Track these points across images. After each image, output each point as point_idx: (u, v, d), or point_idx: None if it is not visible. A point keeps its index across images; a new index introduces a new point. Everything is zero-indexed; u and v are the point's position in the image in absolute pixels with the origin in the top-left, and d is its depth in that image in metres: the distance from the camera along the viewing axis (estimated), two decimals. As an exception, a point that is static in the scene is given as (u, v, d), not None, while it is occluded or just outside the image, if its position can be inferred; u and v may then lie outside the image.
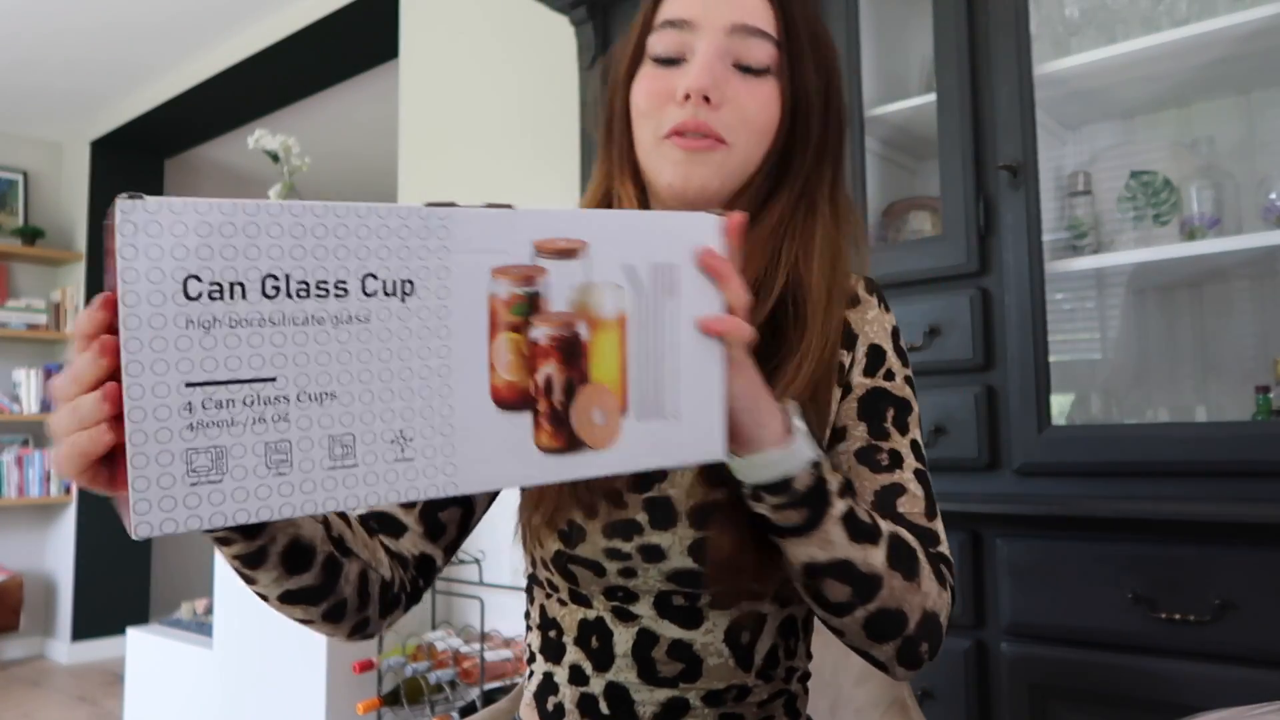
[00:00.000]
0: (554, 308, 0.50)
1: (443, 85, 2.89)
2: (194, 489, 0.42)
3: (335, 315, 0.45)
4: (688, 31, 0.71)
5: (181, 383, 0.42)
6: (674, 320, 0.54)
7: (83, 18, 3.46)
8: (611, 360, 0.52)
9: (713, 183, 0.71)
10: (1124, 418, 1.67)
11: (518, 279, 0.49)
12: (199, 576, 4.67)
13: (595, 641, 0.73)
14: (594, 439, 0.52)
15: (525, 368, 0.50)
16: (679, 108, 0.70)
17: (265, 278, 0.43)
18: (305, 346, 0.44)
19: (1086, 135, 1.76)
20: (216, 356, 0.42)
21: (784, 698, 0.77)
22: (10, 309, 4.47)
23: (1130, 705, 1.28)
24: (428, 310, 0.47)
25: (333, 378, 0.45)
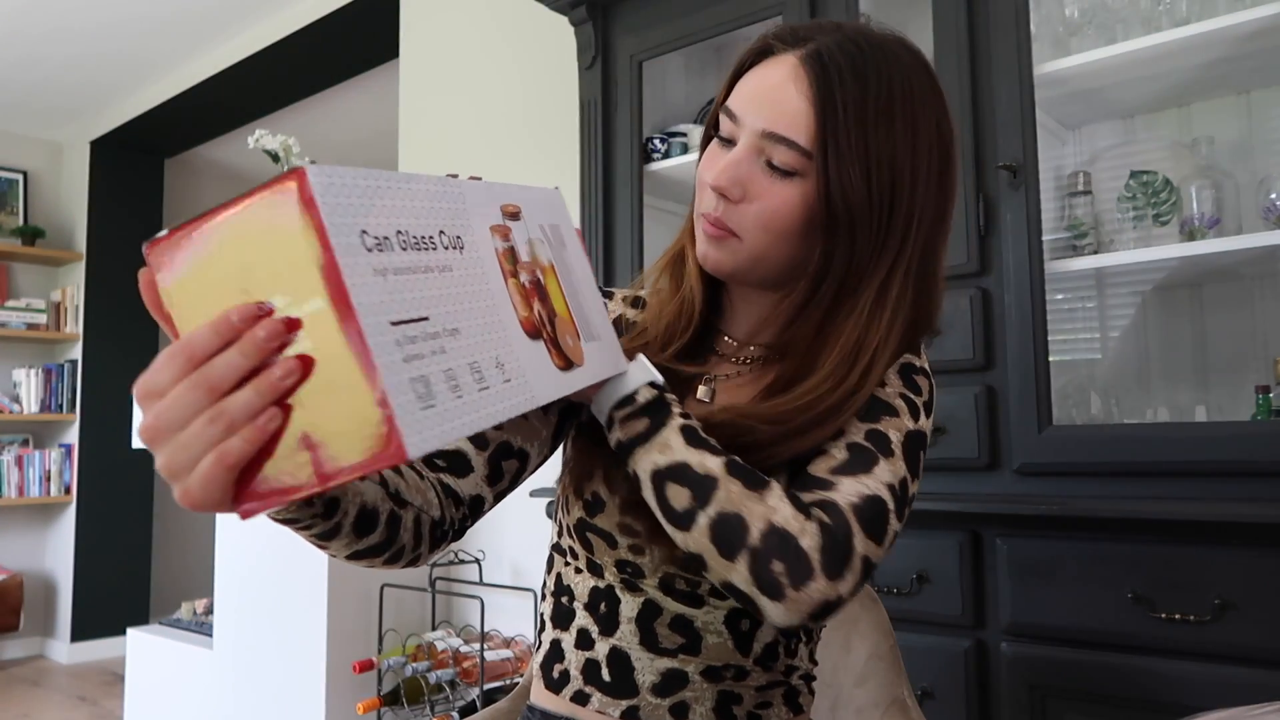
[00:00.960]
0: (522, 258, 0.62)
1: (443, 85, 2.89)
2: (424, 413, 0.47)
3: (439, 264, 0.53)
4: (735, 123, 0.76)
5: (388, 321, 0.46)
6: (572, 266, 0.68)
7: (83, 17, 3.46)
8: (559, 298, 0.65)
9: (726, 266, 0.77)
10: (1124, 418, 1.67)
11: (501, 235, 0.60)
12: (199, 576, 4.67)
13: (603, 607, 0.78)
14: (577, 358, 0.64)
15: (528, 305, 0.61)
16: (709, 194, 0.76)
17: (397, 233, 0.50)
18: (430, 289, 0.51)
19: (1086, 135, 1.77)
20: (398, 299, 0.48)
21: (784, 689, 0.79)
22: (10, 309, 4.47)
23: (1130, 705, 1.28)
24: (476, 260, 0.56)
25: (453, 315, 0.52)
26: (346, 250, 0.45)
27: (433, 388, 0.48)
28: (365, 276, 0.46)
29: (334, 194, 0.46)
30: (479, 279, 0.56)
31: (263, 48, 3.49)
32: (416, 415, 0.46)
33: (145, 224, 4.72)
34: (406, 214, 0.51)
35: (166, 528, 4.77)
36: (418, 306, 0.49)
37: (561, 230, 0.68)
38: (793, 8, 1.75)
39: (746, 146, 0.74)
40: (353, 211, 0.47)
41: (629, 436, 0.68)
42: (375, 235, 0.48)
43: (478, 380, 0.52)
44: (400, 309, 0.47)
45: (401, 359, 0.46)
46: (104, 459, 4.48)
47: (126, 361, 4.58)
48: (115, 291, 4.58)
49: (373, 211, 0.48)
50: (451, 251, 0.54)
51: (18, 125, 4.60)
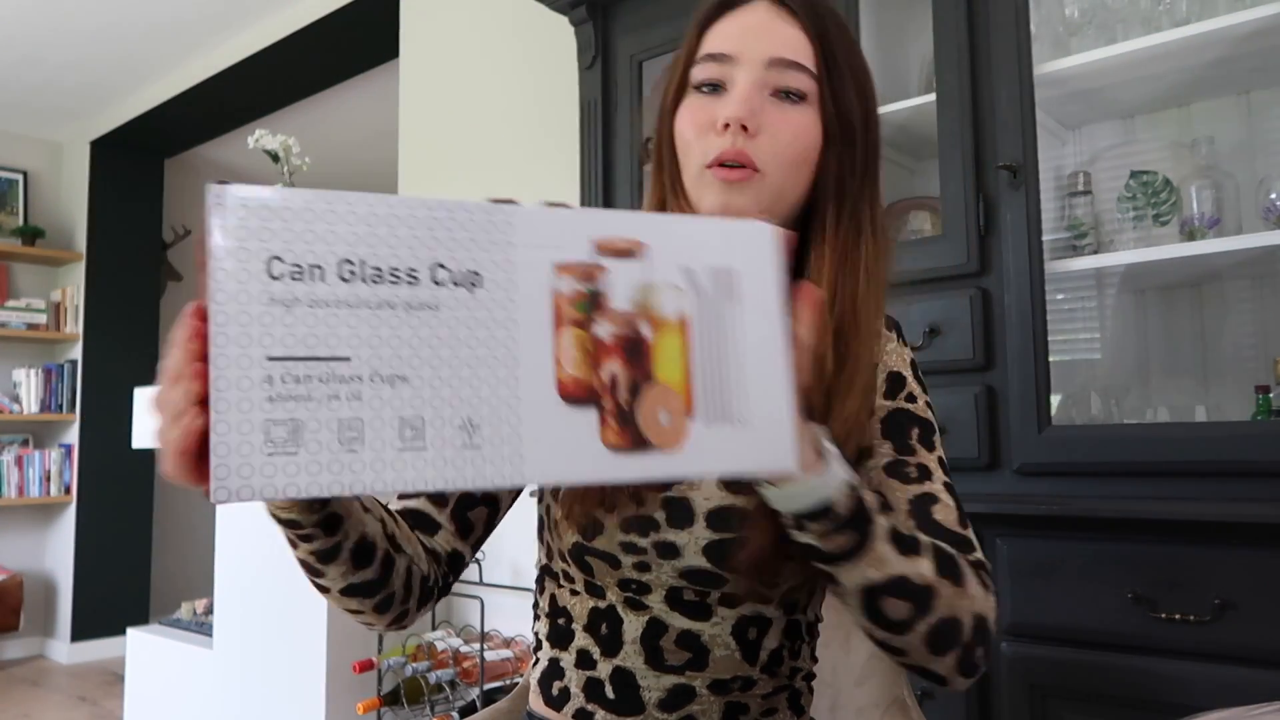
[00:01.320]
0: (615, 305, 0.50)
1: (443, 85, 2.89)
2: (270, 459, 0.44)
3: (407, 301, 0.47)
4: (728, 65, 0.75)
5: (263, 356, 0.44)
6: (737, 326, 0.53)
7: (83, 18, 3.46)
8: (675, 361, 0.52)
9: (750, 212, 0.73)
10: (1124, 418, 1.67)
11: (580, 275, 0.50)
12: (199, 576, 4.67)
13: (605, 629, 0.76)
14: (661, 439, 0.51)
15: (590, 364, 0.50)
16: (719, 136, 0.73)
17: (342, 261, 0.45)
18: (379, 329, 0.46)
19: (1086, 135, 1.76)
20: (296, 334, 0.44)
21: (788, 693, 0.78)
22: (10, 309, 4.47)
23: (1130, 705, 1.28)
24: (495, 302, 0.48)
25: (404, 361, 0.46)
26: (229, 275, 0.44)
27: (304, 435, 0.44)
28: (245, 305, 0.44)
29: (239, 216, 0.44)
30: (488, 324, 0.48)
31: (263, 48, 3.49)
32: (250, 458, 0.43)
33: (145, 224, 4.72)
34: (373, 242, 0.46)
35: (166, 528, 4.77)
36: (333, 345, 0.45)
37: (738, 279, 0.53)
38: (793, 8, 1.75)
39: (751, 80, 0.74)
40: (264, 235, 0.44)
41: (832, 550, 0.62)
42: (294, 262, 0.45)
43: (408, 438, 0.46)
44: (291, 344, 0.44)
45: (265, 398, 0.44)
46: (104, 459, 4.48)
47: (126, 361, 4.58)
48: (115, 291, 4.58)
49: (304, 237, 0.45)
50: (446, 288, 0.47)
51: (18, 125, 4.60)
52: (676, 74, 0.79)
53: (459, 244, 0.48)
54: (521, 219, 0.49)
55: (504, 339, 0.48)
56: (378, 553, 0.68)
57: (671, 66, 0.81)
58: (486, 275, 0.48)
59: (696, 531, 0.72)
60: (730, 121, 0.73)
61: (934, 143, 1.60)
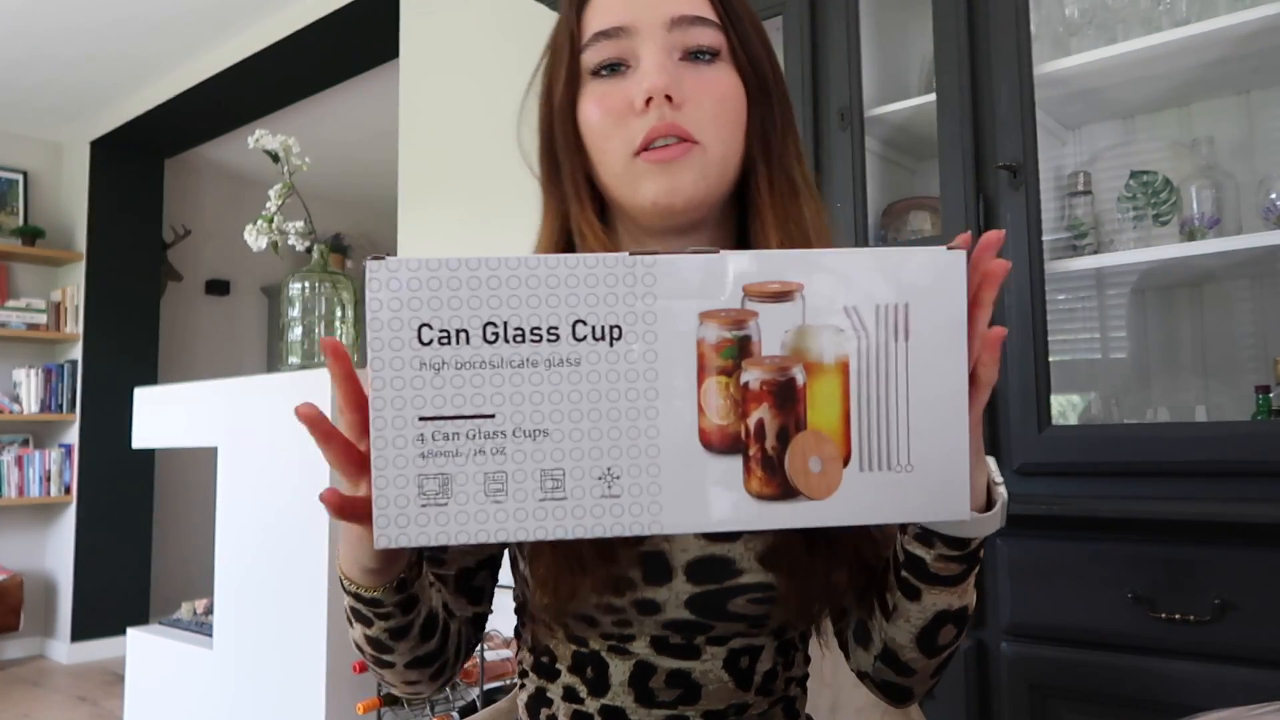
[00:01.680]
0: (766, 351, 0.49)
1: (443, 85, 2.89)
2: (424, 509, 0.48)
3: (548, 359, 0.48)
4: (624, 38, 0.68)
5: (415, 416, 0.48)
6: (905, 365, 0.50)
7: (83, 17, 3.46)
8: (832, 407, 0.50)
9: (699, 189, 0.67)
10: (1124, 418, 1.67)
11: (726, 323, 0.49)
12: (199, 576, 4.67)
13: (590, 671, 0.72)
14: (810, 488, 0.50)
15: (736, 412, 0.49)
16: (641, 117, 0.66)
17: (486, 325, 0.48)
18: (521, 387, 0.48)
19: (1086, 135, 1.76)
20: (444, 394, 0.48)
21: (783, 704, 0.76)
22: (10, 309, 4.47)
23: (1130, 705, 1.28)
24: (635, 354, 0.49)
25: (545, 416, 0.49)
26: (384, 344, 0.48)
27: (453, 487, 0.48)
28: (399, 370, 0.48)
29: (391, 289, 0.47)
30: (628, 376, 0.49)
31: (263, 48, 3.49)
32: (406, 509, 0.48)
33: (145, 224, 4.72)
34: (515, 304, 0.48)
35: (166, 528, 4.77)
36: (478, 403, 0.48)
37: (912, 314, 0.50)
38: (793, 8, 1.75)
39: (658, 46, 0.67)
40: (415, 305, 0.48)
41: (939, 572, 0.60)
42: (442, 328, 0.48)
43: (549, 489, 0.49)
44: (441, 405, 0.48)
45: (418, 454, 0.48)
46: (104, 459, 4.48)
47: (126, 361, 4.58)
48: (115, 291, 4.58)
49: (450, 304, 0.48)
50: (587, 343, 0.48)
51: (18, 125, 4.60)
52: (563, 65, 0.71)
53: (599, 299, 0.48)
54: (664, 269, 0.49)
55: (644, 390, 0.49)
56: (438, 623, 0.68)
57: (551, 59, 0.74)
58: (627, 328, 0.49)
59: (676, 586, 0.68)
60: (652, 94, 0.65)
61: (934, 143, 1.60)
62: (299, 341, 2.20)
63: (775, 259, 0.49)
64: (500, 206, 2.65)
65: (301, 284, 2.18)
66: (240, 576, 2.53)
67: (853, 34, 1.68)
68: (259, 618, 2.46)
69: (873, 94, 1.73)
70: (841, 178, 1.67)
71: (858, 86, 1.67)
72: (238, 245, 3.73)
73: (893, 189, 1.84)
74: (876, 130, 1.75)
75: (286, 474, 2.19)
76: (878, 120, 1.72)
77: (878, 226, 1.77)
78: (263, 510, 2.32)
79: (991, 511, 0.57)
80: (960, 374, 0.50)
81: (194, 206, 5.11)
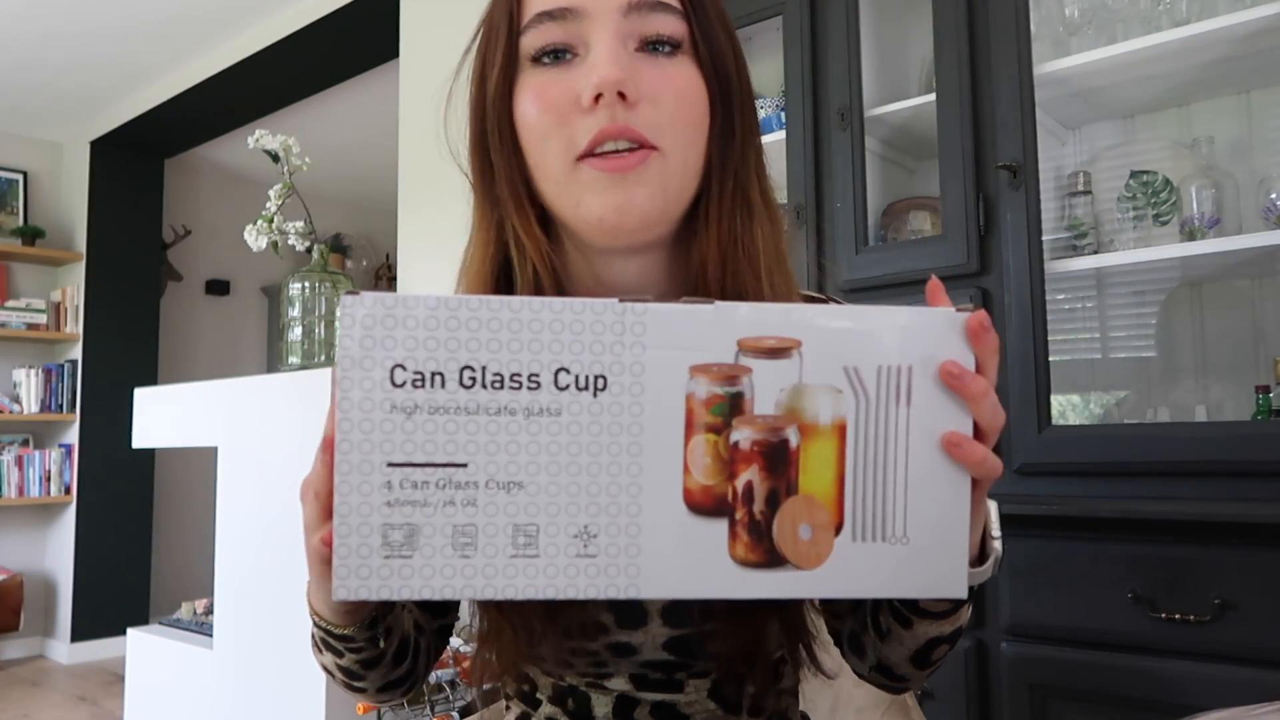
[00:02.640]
0: (759, 410, 0.46)
1: (443, 85, 2.88)
2: (387, 561, 0.45)
3: (527, 407, 0.46)
4: (572, 20, 0.57)
5: (383, 462, 0.45)
6: (905, 431, 0.47)
7: (83, 18, 3.46)
8: (826, 471, 0.47)
9: (656, 205, 0.58)
10: (1124, 418, 1.67)
11: (718, 378, 0.46)
12: (199, 576, 4.67)
13: (571, 702, 0.68)
14: (799, 556, 0.47)
15: (724, 472, 0.46)
16: (588, 115, 0.56)
17: (463, 368, 0.45)
18: (497, 435, 0.46)
19: (1086, 135, 1.76)
20: (415, 440, 0.45)
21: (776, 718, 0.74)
22: (10, 309, 4.47)
23: (1130, 705, 1.28)
24: (620, 406, 0.46)
25: (521, 468, 0.46)
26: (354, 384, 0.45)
27: (419, 539, 0.45)
28: (368, 412, 0.45)
29: (365, 326, 0.45)
30: (611, 429, 0.46)
31: (263, 48, 3.49)
32: (368, 560, 0.45)
33: (145, 224, 4.72)
34: (495, 347, 0.45)
35: (166, 528, 4.77)
36: (451, 451, 0.46)
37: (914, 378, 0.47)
38: (793, 8, 1.75)
39: (611, 33, 0.57)
40: (389, 344, 0.45)
41: (930, 609, 0.58)
42: (417, 370, 0.45)
43: (520, 545, 0.46)
44: (411, 451, 0.45)
45: (384, 502, 0.45)
46: (104, 459, 4.47)
47: (126, 361, 4.58)
48: (115, 291, 4.58)
49: (426, 344, 0.45)
50: (569, 393, 0.46)
51: (18, 125, 4.60)
52: (499, 48, 0.60)
53: (584, 346, 0.46)
54: (655, 319, 0.46)
55: (628, 445, 0.46)
56: (409, 645, 0.65)
57: (485, 37, 0.63)
58: (612, 379, 0.46)
59: (653, 630, 0.64)
60: (603, 89, 0.55)
61: (934, 143, 1.60)
62: (299, 341, 2.20)
63: (773, 313, 0.46)
64: (500, 206, 2.65)
65: (301, 284, 2.18)
66: (240, 576, 2.53)
67: (853, 34, 1.68)
68: (259, 618, 2.46)
69: (873, 94, 1.73)
70: (841, 178, 1.67)
71: (858, 86, 1.67)
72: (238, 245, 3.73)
73: (893, 189, 1.84)
74: (876, 130, 1.75)
75: (286, 474, 2.19)
76: (878, 120, 1.72)
77: (878, 226, 1.77)
78: (263, 510, 2.32)
79: (983, 567, 0.54)
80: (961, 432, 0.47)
81: (194, 206, 5.11)
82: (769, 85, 2.07)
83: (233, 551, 2.56)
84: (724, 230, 0.61)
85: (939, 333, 0.47)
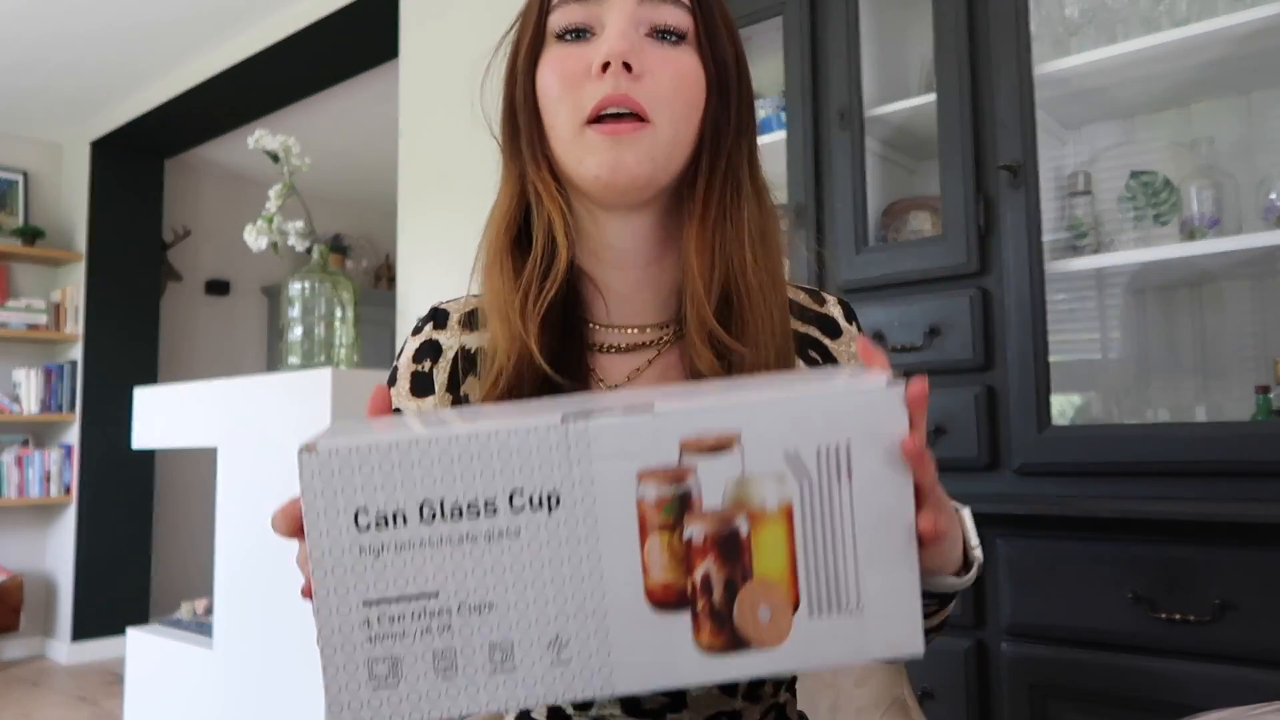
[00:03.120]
0: (707, 504, 0.49)
1: (443, 85, 2.89)
2: (375, 693, 0.48)
3: (487, 532, 0.48)
4: (593, 4, 0.67)
5: (359, 601, 0.48)
6: (850, 505, 0.49)
7: (83, 18, 3.46)
8: (777, 554, 0.49)
9: (644, 168, 0.66)
10: (1124, 418, 1.67)
11: (665, 480, 0.48)
12: (199, 576, 4.67)
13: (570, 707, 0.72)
14: (761, 637, 0.49)
15: (681, 567, 0.49)
16: (596, 82, 0.65)
17: (421, 505, 0.48)
18: (462, 562, 0.48)
19: (1086, 135, 1.76)
20: (386, 577, 0.48)
21: (774, 711, 0.76)
22: (10, 309, 4.47)
23: (1130, 705, 1.28)
24: (575, 519, 0.48)
25: (489, 589, 0.48)
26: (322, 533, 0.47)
27: (402, 668, 0.48)
28: (338, 558, 0.47)
29: (324, 478, 0.47)
30: (570, 541, 0.48)
31: (263, 48, 3.49)
32: (358, 694, 0.48)
33: (145, 224, 4.72)
34: (449, 481, 0.48)
35: (166, 528, 4.77)
36: (421, 583, 0.48)
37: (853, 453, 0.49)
38: (793, 8, 1.75)
39: (624, 16, 0.66)
40: (348, 492, 0.47)
41: None
42: (379, 512, 0.48)
43: (498, 661, 0.48)
44: (383, 588, 0.48)
45: (365, 639, 0.48)
46: (104, 459, 4.48)
47: (126, 361, 4.58)
48: (115, 291, 4.58)
49: (384, 487, 0.48)
50: (525, 514, 0.48)
51: (18, 126, 4.60)
52: (530, 26, 0.70)
53: (534, 469, 0.48)
54: (599, 432, 0.48)
55: (587, 554, 0.48)
56: None
57: (521, 22, 0.72)
58: (565, 494, 0.48)
59: None
60: (610, 59, 0.64)
61: (934, 143, 1.60)
62: (299, 342, 2.20)
63: (710, 410, 0.48)
64: (500, 206, 2.65)
65: (301, 284, 2.18)
66: (240, 576, 2.53)
67: (853, 34, 1.68)
68: (259, 618, 2.46)
69: (873, 94, 1.73)
70: (841, 178, 1.67)
71: (858, 86, 1.67)
72: (238, 245, 3.73)
73: (893, 189, 1.84)
74: (876, 130, 1.75)
75: (286, 474, 2.19)
76: (878, 120, 1.72)
77: (878, 226, 1.77)
78: (263, 510, 2.32)
79: (967, 576, 0.59)
80: (906, 506, 0.49)
81: (194, 206, 5.11)
82: (769, 85, 2.07)
83: (232, 551, 2.56)
84: (711, 203, 0.69)
85: (876, 407, 0.49)
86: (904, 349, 1.56)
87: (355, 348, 2.29)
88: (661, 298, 0.73)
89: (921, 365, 1.53)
